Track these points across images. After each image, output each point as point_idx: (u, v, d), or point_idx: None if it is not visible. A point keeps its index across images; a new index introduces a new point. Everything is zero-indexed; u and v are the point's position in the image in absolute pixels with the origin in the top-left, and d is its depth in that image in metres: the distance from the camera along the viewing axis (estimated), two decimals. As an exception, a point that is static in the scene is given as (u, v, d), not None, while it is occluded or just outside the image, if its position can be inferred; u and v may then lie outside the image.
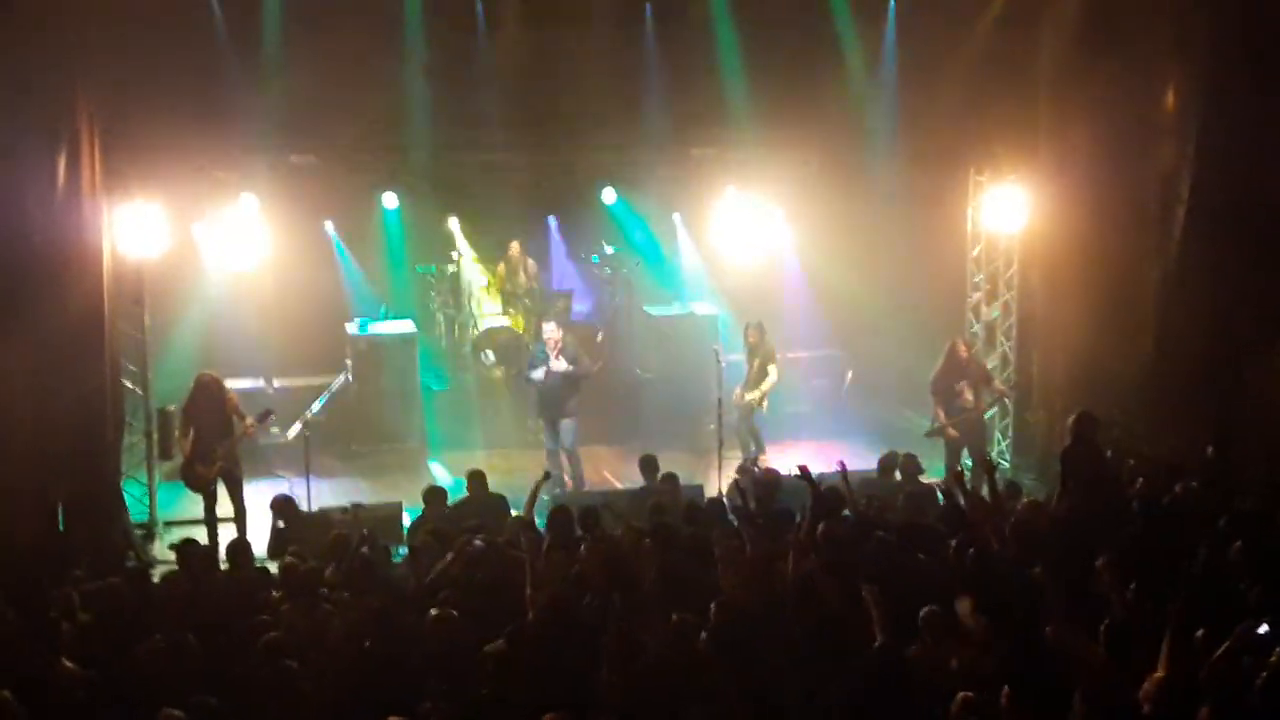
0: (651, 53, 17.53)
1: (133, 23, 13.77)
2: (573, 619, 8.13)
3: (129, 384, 13.96)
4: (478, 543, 9.57)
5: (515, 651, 7.83)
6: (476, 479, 12.10)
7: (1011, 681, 6.84)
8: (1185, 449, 11.75)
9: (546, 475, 11.77)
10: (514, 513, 11.81)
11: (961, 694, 6.73)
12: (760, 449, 15.18)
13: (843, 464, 10.76)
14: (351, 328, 16.72)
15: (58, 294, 12.18)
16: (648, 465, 12.50)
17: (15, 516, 11.59)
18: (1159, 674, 6.98)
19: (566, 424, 14.42)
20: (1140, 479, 10.78)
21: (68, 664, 7.89)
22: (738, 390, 15.13)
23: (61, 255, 12.33)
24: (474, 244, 18.21)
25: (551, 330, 14.56)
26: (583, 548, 9.53)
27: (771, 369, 15.19)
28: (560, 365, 14.33)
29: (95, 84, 12.80)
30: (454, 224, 18.32)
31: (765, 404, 15.27)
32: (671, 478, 12.17)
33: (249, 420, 12.93)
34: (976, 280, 15.89)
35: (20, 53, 11.76)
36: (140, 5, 14.10)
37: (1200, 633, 7.23)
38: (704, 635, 7.89)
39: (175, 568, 10.11)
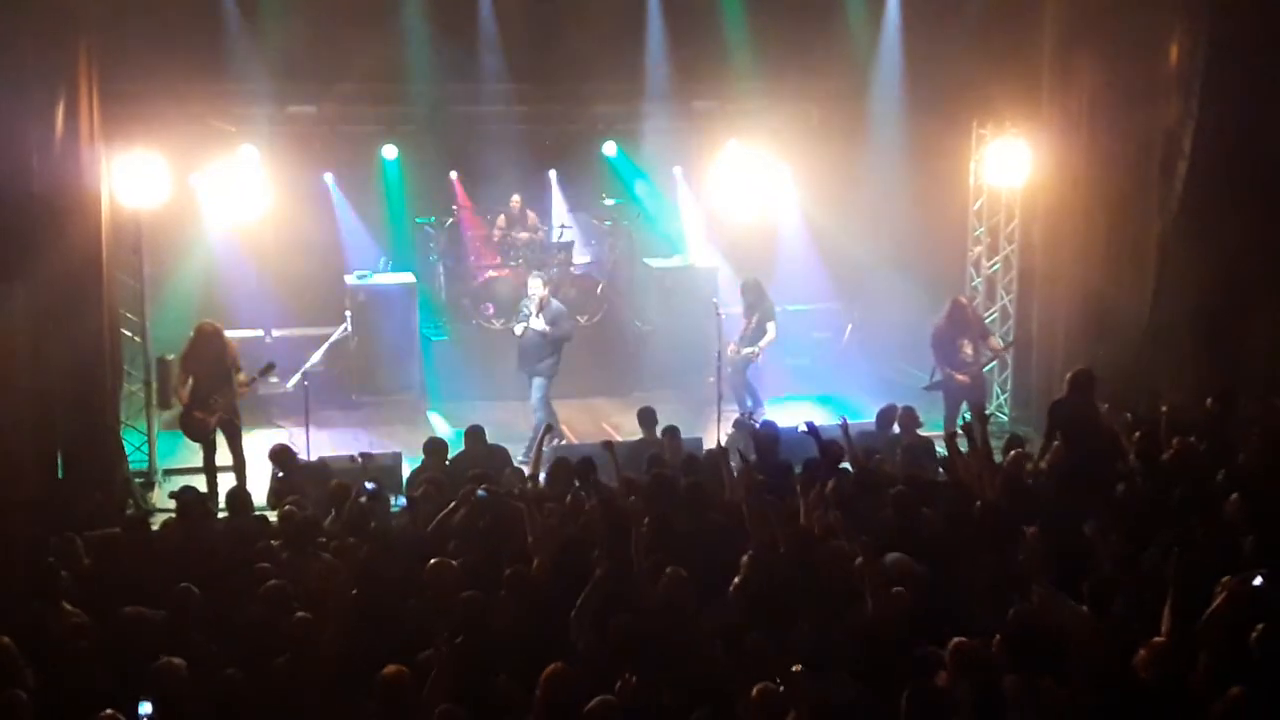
0: (654, 4, 17.42)
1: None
2: (574, 571, 8.12)
3: (127, 333, 13.95)
4: (481, 492, 9.59)
5: (517, 600, 7.86)
6: (474, 435, 12.05)
7: (1008, 643, 6.84)
8: (1187, 403, 11.75)
9: (549, 428, 11.81)
10: (516, 463, 11.87)
11: (955, 640, 6.73)
12: (758, 403, 15.19)
13: (845, 420, 10.82)
14: (351, 279, 16.69)
15: (56, 241, 12.15)
16: (646, 417, 12.50)
17: (14, 464, 11.61)
18: (1159, 639, 6.96)
19: (537, 382, 14.37)
20: (1138, 433, 10.77)
21: (69, 609, 7.92)
22: (732, 345, 15.10)
23: (60, 203, 12.29)
24: (474, 196, 18.14)
25: (537, 287, 14.51)
26: (567, 499, 9.56)
27: (770, 326, 15.15)
28: (539, 324, 14.32)
29: (95, 31, 12.74)
30: (454, 176, 18.26)
31: (761, 358, 15.26)
32: (673, 430, 12.17)
33: (241, 377, 12.85)
34: (977, 234, 15.87)
35: (20, 1, 11.71)
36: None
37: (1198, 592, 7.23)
38: (734, 586, 7.93)
39: (174, 516, 10.17)
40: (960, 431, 10.68)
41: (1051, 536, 8.22)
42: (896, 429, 12.26)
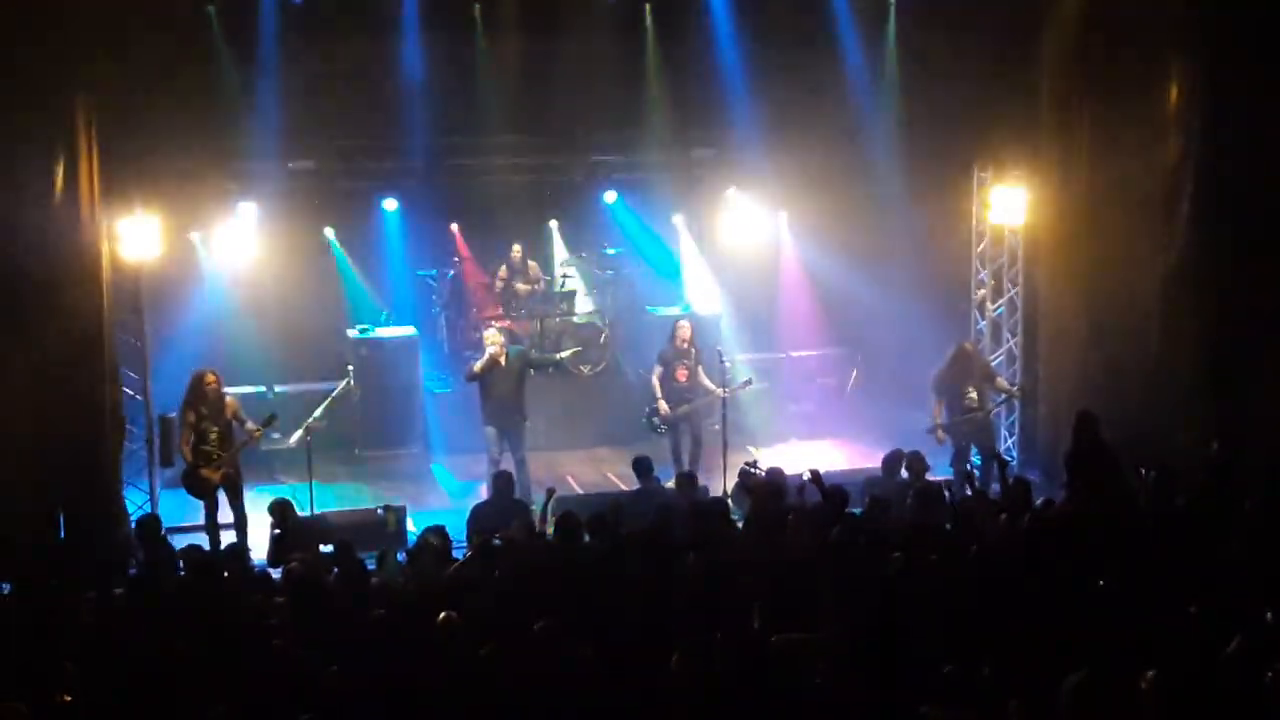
0: (651, 54, 17.49)
1: (131, 32, 13.74)
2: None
3: (129, 390, 13.89)
4: (496, 540, 9.55)
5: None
6: (502, 480, 12.07)
7: None
8: (1193, 444, 11.67)
9: (551, 491, 11.64)
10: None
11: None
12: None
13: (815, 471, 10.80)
14: (353, 333, 16.65)
15: (57, 302, 12.20)
16: (641, 466, 12.40)
17: (16, 524, 11.53)
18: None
19: (526, 427, 14.16)
20: (1148, 475, 10.66)
21: (72, 669, 7.84)
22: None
23: (61, 263, 12.31)
24: (475, 247, 18.13)
25: (493, 335, 14.32)
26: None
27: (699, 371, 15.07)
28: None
29: (93, 90, 12.76)
30: (455, 228, 18.25)
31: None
32: (690, 476, 12.10)
33: (251, 425, 12.89)
34: (981, 277, 15.82)
35: (19, 61, 11.78)
36: (139, 15, 14.07)
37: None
38: None
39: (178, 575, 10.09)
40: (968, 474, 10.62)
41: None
42: (905, 474, 12.17)
